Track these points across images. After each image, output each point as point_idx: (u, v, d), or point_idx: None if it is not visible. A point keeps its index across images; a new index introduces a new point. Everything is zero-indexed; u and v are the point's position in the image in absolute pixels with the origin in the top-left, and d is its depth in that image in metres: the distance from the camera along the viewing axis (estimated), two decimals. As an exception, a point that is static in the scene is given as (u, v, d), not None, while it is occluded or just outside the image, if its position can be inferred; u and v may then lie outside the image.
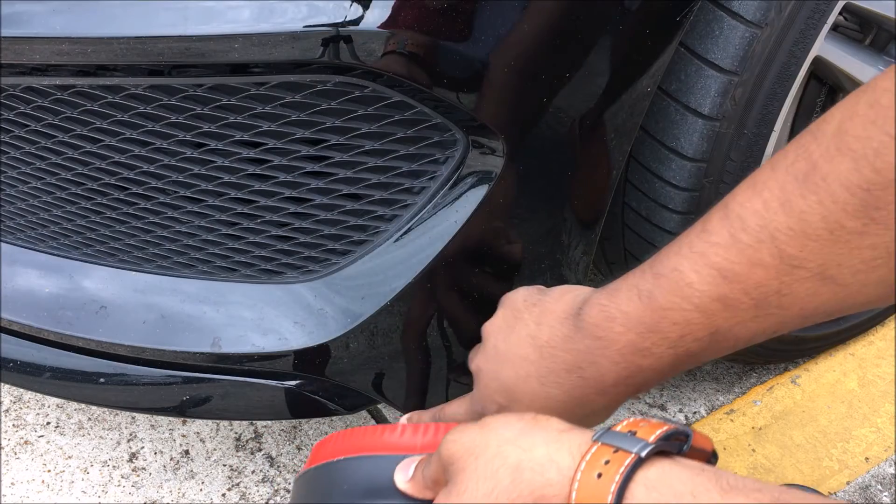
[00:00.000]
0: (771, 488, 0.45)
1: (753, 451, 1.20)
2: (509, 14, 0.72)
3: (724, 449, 1.20)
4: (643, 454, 0.47)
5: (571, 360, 0.61)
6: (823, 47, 0.96)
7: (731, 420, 1.24)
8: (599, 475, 0.47)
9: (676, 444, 0.49)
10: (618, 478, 0.46)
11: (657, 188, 0.96)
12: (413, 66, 0.73)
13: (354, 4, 0.70)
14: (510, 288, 0.71)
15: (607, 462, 0.47)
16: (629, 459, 0.47)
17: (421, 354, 0.90)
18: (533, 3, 0.72)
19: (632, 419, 0.51)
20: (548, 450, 0.50)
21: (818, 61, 0.98)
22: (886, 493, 1.15)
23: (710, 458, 0.53)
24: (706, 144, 0.91)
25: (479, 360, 0.68)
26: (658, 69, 0.81)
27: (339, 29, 0.70)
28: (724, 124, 0.90)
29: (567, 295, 0.64)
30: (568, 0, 0.73)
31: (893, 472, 1.18)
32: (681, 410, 1.26)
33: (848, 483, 1.16)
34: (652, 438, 0.48)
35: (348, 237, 0.85)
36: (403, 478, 0.58)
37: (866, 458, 1.19)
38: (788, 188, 0.50)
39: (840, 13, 0.95)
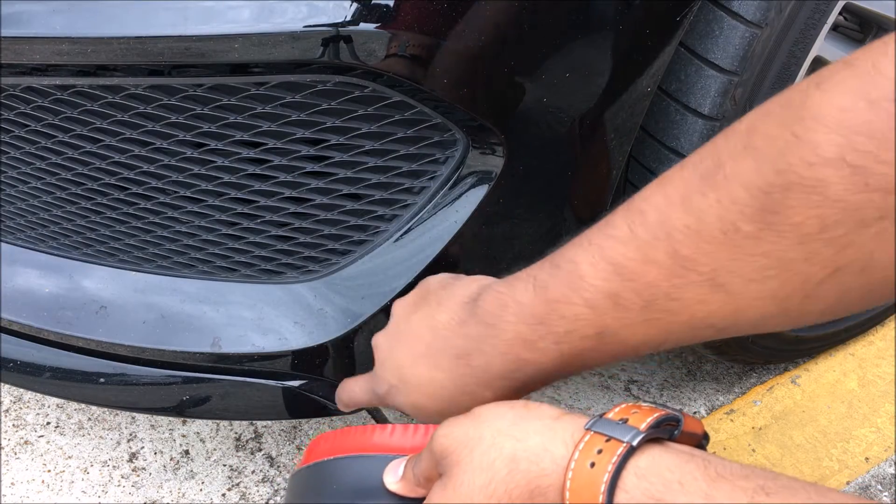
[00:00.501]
0: (757, 475, 0.45)
1: (753, 451, 1.20)
2: (509, 14, 0.72)
3: (724, 449, 1.20)
4: (634, 443, 0.47)
5: (461, 345, 0.59)
6: (823, 47, 0.96)
7: (731, 420, 1.24)
8: (592, 464, 0.47)
9: (668, 430, 0.50)
10: (610, 467, 0.47)
11: (657, 188, 0.96)
12: (413, 65, 0.73)
13: (354, 4, 0.70)
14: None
15: (600, 451, 0.48)
16: (621, 449, 0.47)
17: (421, 354, 0.90)
18: (533, 3, 0.72)
19: (624, 405, 0.51)
20: (542, 439, 0.51)
21: (818, 61, 0.98)
22: (886, 493, 1.15)
23: (702, 440, 0.53)
24: (706, 144, 0.91)
25: (380, 337, 0.68)
26: (658, 69, 0.81)
27: (339, 29, 0.70)
28: (724, 124, 0.90)
29: (476, 282, 0.62)
30: (567, 0, 0.73)
31: (893, 472, 1.18)
32: (681, 410, 1.26)
33: (848, 483, 1.16)
34: (643, 426, 0.49)
35: (348, 237, 0.85)
36: (393, 478, 0.58)
37: (866, 458, 1.19)
38: (691, 185, 0.48)
39: (840, 13, 0.96)
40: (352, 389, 0.73)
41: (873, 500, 0.59)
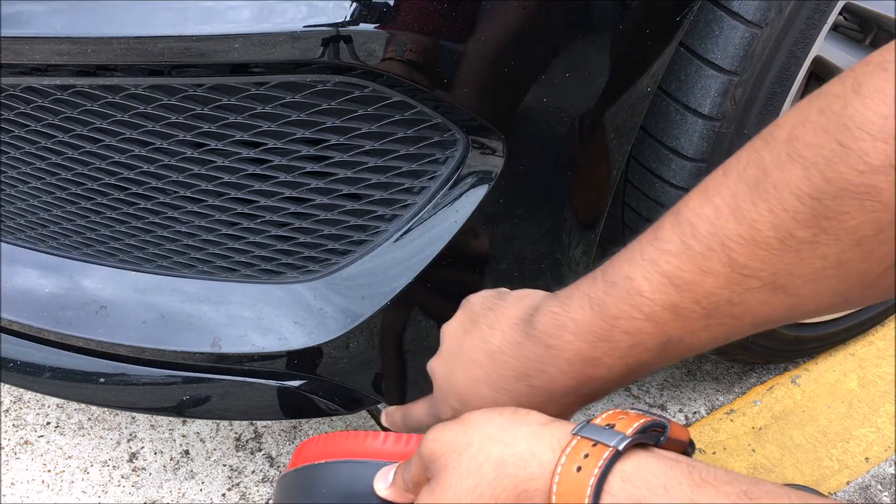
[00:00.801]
0: (740, 481, 0.46)
1: (753, 451, 1.20)
2: (509, 14, 0.72)
3: (724, 449, 1.20)
4: (620, 447, 0.48)
5: (520, 367, 0.60)
6: (823, 47, 0.96)
7: (731, 420, 1.24)
8: (579, 468, 0.48)
9: (654, 436, 0.51)
10: (596, 471, 0.48)
11: (657, 188, 0.96)
12: (413, 65, 0.73)
13: (354, 4, 0.70)
14: (511, 288, 0.71)
15: (586, 455, 0.49)
16: (607, 453, 0.48)
17: (421, 354, 0.90)
18: (533, 3, 0.72)
19: (611, 411, 0.52)
20: (529, 444, 0.51)
21: (818, 61, 0.98)
22: (886, 493, 1.15)
23: (687, 447, 0.54)
24: (706, 144, 0.91)
25: (435, 363, 0.68)
26: (658, 69, 0.81)
27: (339, 29, 0.70)
28: (724, 124, 0.90)
29: (523, 300, 0.63)
30: (568, 0, 0.73)
31: (893, 472, 1.18)
32: (681, 410, 1.26)
33: (848, 483, 1.16)
34: (629, 431, 0.49)
35: (348, 237, 0.85)
36: (383, 484, 0.58)
37: (866, 458, 1.19)
38: (739, 195, 0.49)
39: (840, 13, 0.95)
40: (415, 415, 0.73)
41: None
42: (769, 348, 1.21)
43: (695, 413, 1.26)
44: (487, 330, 0.63)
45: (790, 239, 0.47)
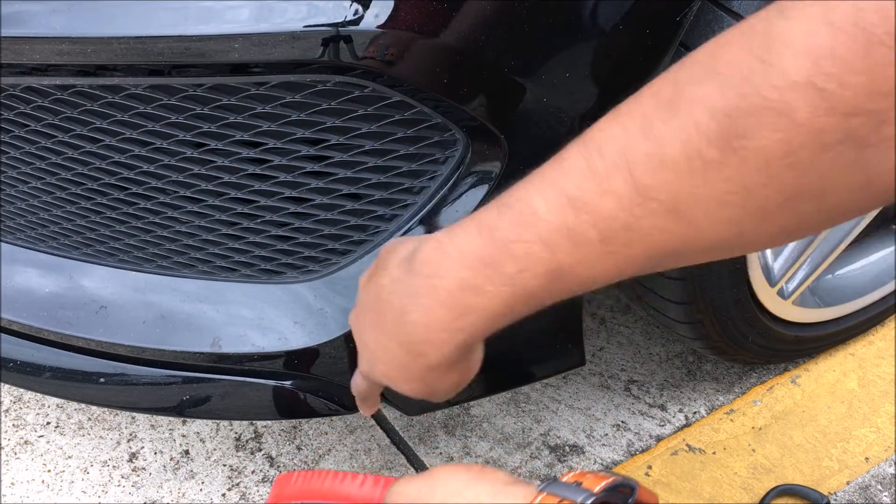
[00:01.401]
0: None
1: (753, 451, 1.20)
2: (509, 14, 0.72)
3: (724, 449, 1.20)
4: (588, 503, 0.47)
5: (399, 303, 0.57)
6: (823, 47, 0.96)
7: (731, 420, 1.24)
8: None
9: (621, 496, 0.49)
10: None
11: (657, 188, 0.96)
12: (413, 65, 0.73)
13: (354, 4, 0.70)
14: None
15: None
16: None
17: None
18: (533, 3, 0.72)
19: (578, 471, 0.51)
20: (493, 501, 0.50)
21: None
22: (886, 493, 1.15)
23: None
24: (706, 144, 0.91)
25: (350, 317, 0.66)
26: (658, 69, 0.81)
27: (339, 29, 0.70)
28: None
29: (419, 239, 0.60)
30: (567, 0, 0.73)
31: (893, 472, 1.18)
32: (681, 410, 1.26)
33: (848, 483, 1.16)
34: (596, 489, 0.48)
35: (348, 237, 0.85)
36: None
37: (866, 458, 1.19)
38: (650, 113, 0.47)
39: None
40: (354, 380, 0.73)
41: None
42: (769, 348, 1.21)
43: (695, 413, 1.26)
44: (380, 272, 0.61)
45: (697, 158, 0.46)
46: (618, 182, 0.48)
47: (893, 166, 0.43)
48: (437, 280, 0.54)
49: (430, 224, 0.84)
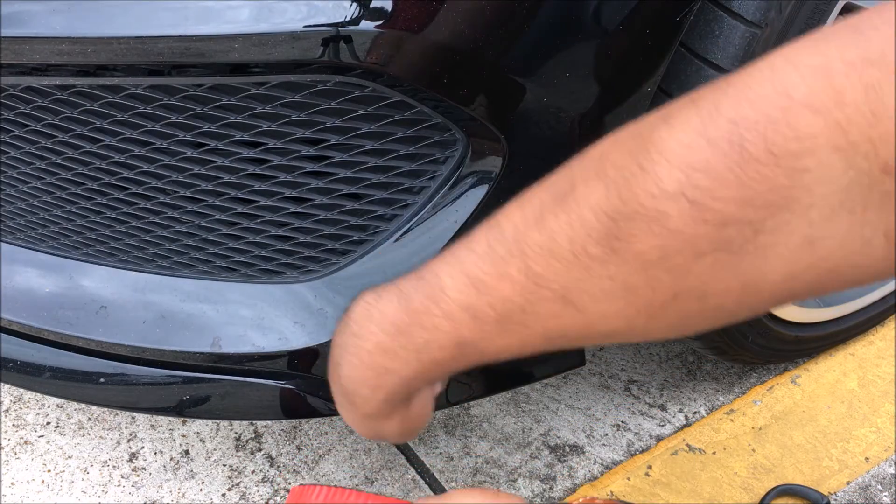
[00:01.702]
0: None
1: (753, 451, 1.20)
2: (509, 14, 0.72)
3: (724, 449, 1.20)
4: None
5: (334, 356, 0.61)
6: (823, 47, 0.96)
7: (731, 420, 1.24)
8: None
9: None
10: None
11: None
12: (413, 65, 0.73)
13: (354, 4, 0.70)
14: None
15: None
16: None
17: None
18: (532, 3, 0.72)
19: (589, 497, 0.53)
20: None
21: (818, 61, 0.98)
22: (886, 493, 1.15)
23: None
24: (706, 144, 0.91)
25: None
26: (658, 69, 0.81)
27: (339, 29, 0.70)
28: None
29: (375, 292, 0.64)
30: (567, 0, 0.73)
31: (893, 472, 1.18)
32: (681, 410, 1.26)
33: (848, 483, 1.16)
34: None
35: (348, 237, 0.85)
36: None
37: (866, 458, 1.19)
38: (546, 205, 0.50)
39: (840, 13, 0.96)
40: None
41: None
42: (769, 348, 1.21)
43: (695, 413, 1.26)
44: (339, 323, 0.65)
45: (583, 254, 0.48)
46: (514, 268, 0.51)
47: (771, 273, 0.44)
48: (361, 340, 0.58)
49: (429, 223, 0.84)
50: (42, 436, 1.20)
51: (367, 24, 0.70)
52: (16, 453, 1.17)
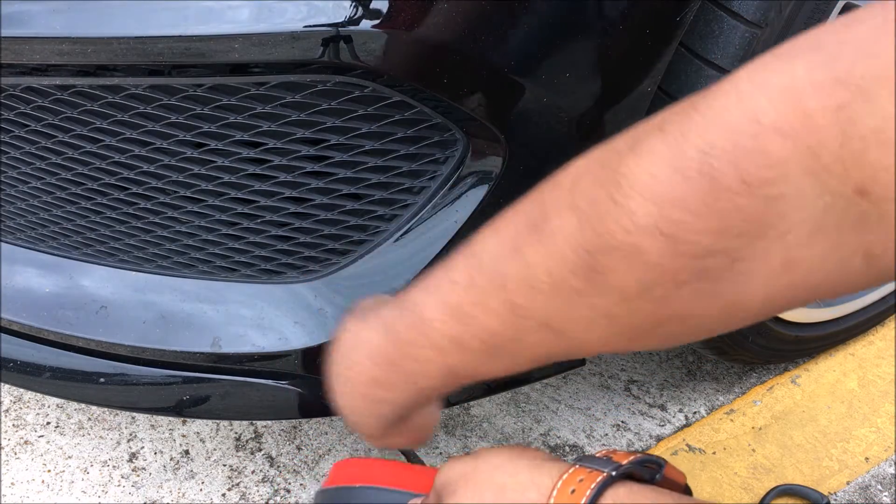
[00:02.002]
0: None
1: (753, 451, 1.20)
2: (509, 14, 0.72)
3: (724, 449, 1.20)
4: (614, 473, 0.51)
5: (330, 383, 0.62)
6: (823, 47, 0.96)
7: (731, 420, 1.24)
8: (573, 491, 0.51)
9: (649, 471, 0.53)
10: (589, 492, 0.50)
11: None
12: (413, 65, 0.73)
13: (354, 4, 0.70)
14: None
15: (581, 480, 0.51)
16: (601, 477, 0.51)
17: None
18: (532, 3, 0.72)
19: (611, 448, 0.55)
20: (531, 474, 0.54)
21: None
22: (886, 493, 1.15)
23: (683, 492, 0.56)
24: (706, 144, 0.91)
25: None
26: (658, 69, 0.81)
27: (339, 29, 0.70)
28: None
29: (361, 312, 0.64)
30: (568, 0, 0.73)
31: (893, 472, 1.18)
32: (681, 410, 1.26)
33: (848, 483, 1.16)
34: (625, 462, 0.52)
35: (348, 237, 0.85)
36: None
37: (866, 458, 1.19)
38: (521, 236, 0.50)
39: (840, 13, 0.95)
40: None
41: None
42: (769, 348, 1.21)
43: (695, 413, 1.26)
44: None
45: (563, 286, 0.47)
46: (496, 300, 0.51)
47: (750, 296, 0.44)
48: (351, 372, 0.59)
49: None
50: (42, 436, 1.20)
51: (367, 24, 0.70)
52: (16, 453, 1.17)
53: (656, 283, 0.44)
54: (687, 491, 0.56)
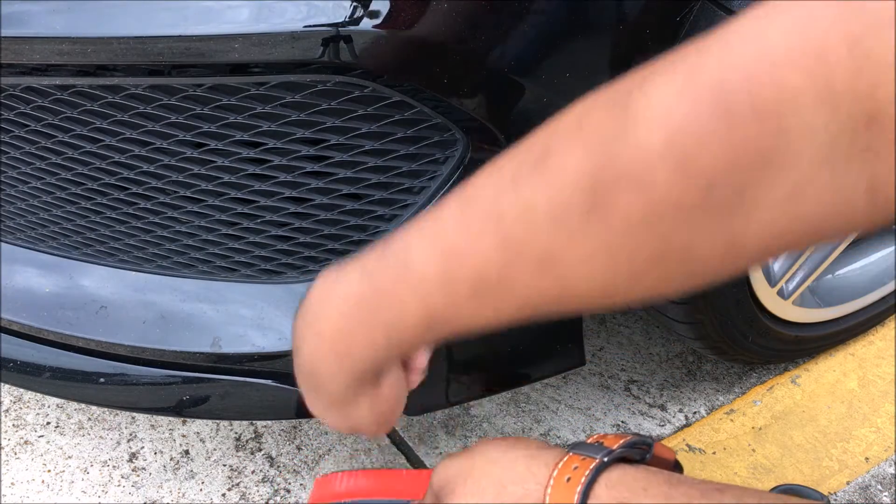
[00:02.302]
0: (715, 482, 0.52)
1: (753, 451, 1.20)
2: (509, 14, 0.72)
3: (724, 449, 1.20)
4: (606, 459, 0.53)
5: (296, 342, 0.59)
6: (823, 47, 0.96)
7: (731, 420, 1.24)
8: (569, 479, 0.53)
9: (640, 452, 0.56)
10: (583, 479, 0.52)
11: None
12: (413, 65, 0.73)
13: (354, 4, 0.70)
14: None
15: (576, 468, 0.53)
16: (594, 464, 0.53)
17: (421, 354, 0.90)
18: (532, 3, 0.72)
19: (601, 433, 0.57)
20: (527, 465, 0.55)
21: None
22: (886, 493, 1.15)
23: (673, 468, 0.58)
24: (706, 144, 0.91)
25: None
26: (658, 69, 0.81)
27: (339, 29, 0.70)
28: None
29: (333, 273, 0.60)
30: (568, 0, 0.73)
31: (893, 472, 1.18)
32: (681, 410, 1.26)
33: (848, 483, 1.16)
34: (615, 447, 0.54)
35: (348, 237, 0.85)
36: None
37: (866, 458, 1.19)
38: (521, 171, 0.48)
39: (840, 13, 0.95)
40: None
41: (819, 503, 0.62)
42: (769, 348, 1.21)
43: (695, 413, 1.26)
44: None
45: (563, 218, 0.46)
46: (489, 235, 0.49)
47: (755, 231, 0.44)
48: (321, 323, 0.56)
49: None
50: (42, 436, 1.20)
51: (367, 24, 0.70)
52: (16, 453, 1.17)
53: (662, 213, 0.44)
54: (678, 466, 0.58)
